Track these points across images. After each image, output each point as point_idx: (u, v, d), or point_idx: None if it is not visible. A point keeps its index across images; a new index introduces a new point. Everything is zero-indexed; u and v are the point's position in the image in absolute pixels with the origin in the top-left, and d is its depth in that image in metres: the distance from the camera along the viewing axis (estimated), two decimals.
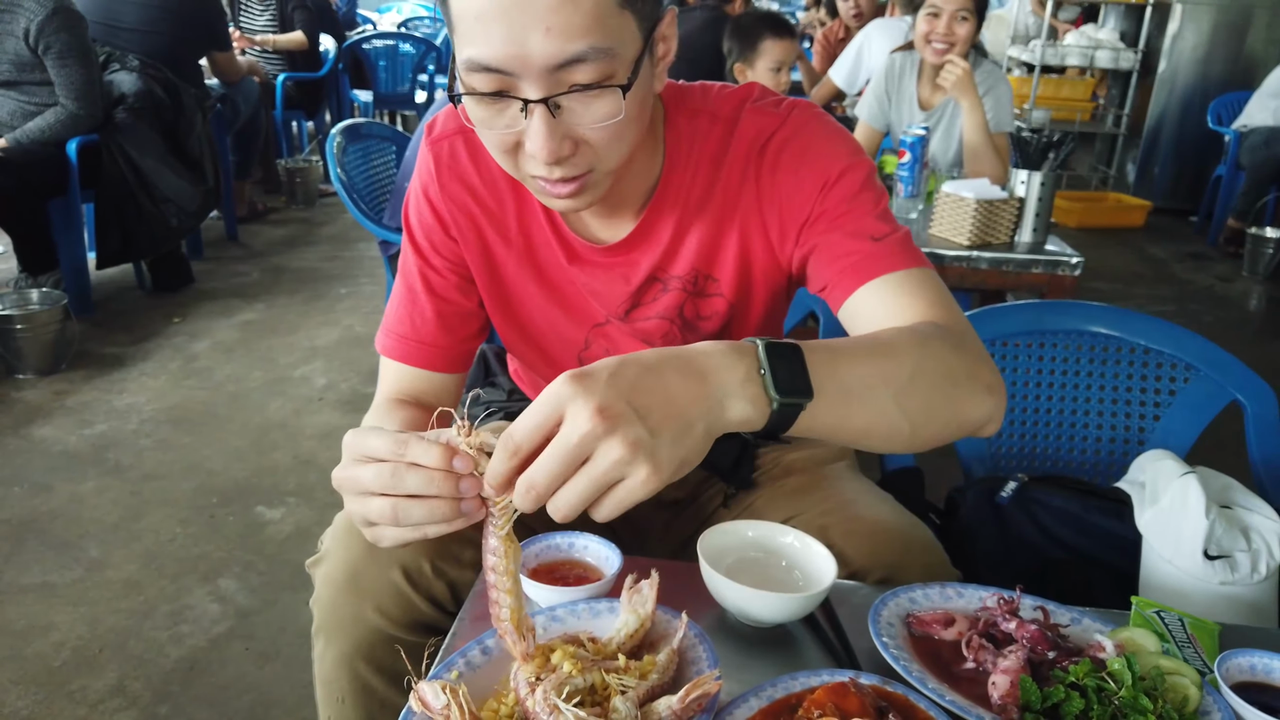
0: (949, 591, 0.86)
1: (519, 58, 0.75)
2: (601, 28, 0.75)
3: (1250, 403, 1.33)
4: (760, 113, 0.96)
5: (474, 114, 0.82)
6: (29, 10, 3.08)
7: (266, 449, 2.65)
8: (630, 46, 0.79)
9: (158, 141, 3.47)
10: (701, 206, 0.98)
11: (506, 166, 0.87)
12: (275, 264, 4.27)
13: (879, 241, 0.91)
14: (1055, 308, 1.46)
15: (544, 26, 0.74)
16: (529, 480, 0.61)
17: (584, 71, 0.76)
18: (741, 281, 1.01)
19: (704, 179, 0.97)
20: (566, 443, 0.60)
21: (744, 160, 0.96)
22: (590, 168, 0.84)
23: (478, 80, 0.78)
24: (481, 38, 0.75)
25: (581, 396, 0.59)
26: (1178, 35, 5.65)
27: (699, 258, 1.00)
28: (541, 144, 0.79)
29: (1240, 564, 1.06)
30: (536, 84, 0.76)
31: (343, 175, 2.49)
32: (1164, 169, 5.93)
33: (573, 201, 0.86)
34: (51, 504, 2.32)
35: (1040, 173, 2.20)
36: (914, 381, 0.76)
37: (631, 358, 0.64)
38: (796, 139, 0.95)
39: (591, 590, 0.84)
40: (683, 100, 0.98)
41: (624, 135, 0.83)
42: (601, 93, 0.78)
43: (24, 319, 2.94)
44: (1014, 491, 1.25)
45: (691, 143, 0.97)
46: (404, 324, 1.03)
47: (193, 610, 1.97)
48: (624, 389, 0.61)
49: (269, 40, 5.08)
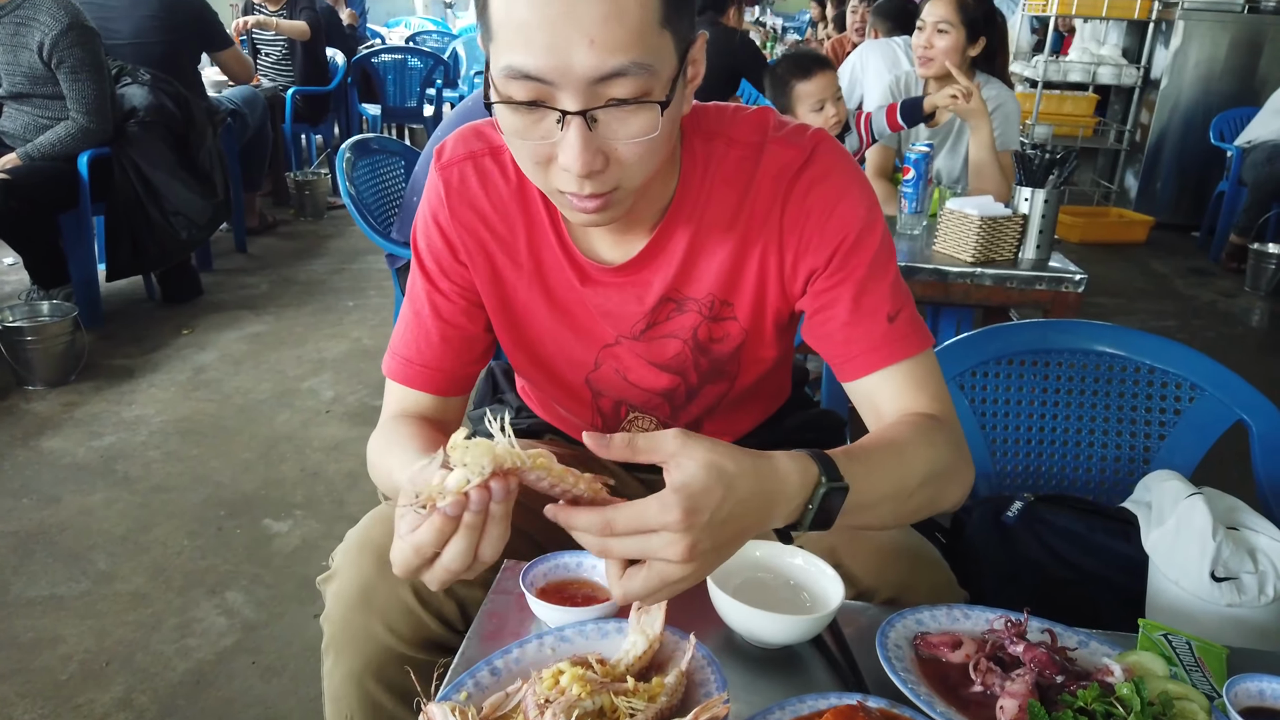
0: (956, 613, 0.87)
1: (561, 69, 0.75)
2: (643, 44, 0.76)
3: (1255, 422, 1.33)
4: (785, 144, 0.98)
5: (507, 123, 0.82)
6: (44, 25, 3.11)
7: (274, 461, 2.66)
8: (668, 65, 0.80)
9: (168, 155, 3.50)
10: (721, 229, 0.99)
11: (535, 178, 0.88)
12: (284, 276, 4.29)
13: (894, 322, 0.96)
14: (1060, 326, 1.47)
15: (588, 39, 0.74)
16: (604, 547, 0.69)
17: (623, 86, 0.77)
18: (756, 309, 1.03)
19: (722, 201, 0.98)
20: (649, 555, 0.68)
21: (771, 192, 0.97)
22: (617, 184, 0.84)
23: (515, 88, 0.78)
24: (523, 46, 0.76)
25: (682, 533, 0.67)
26: (1179, 51, 5.67)
27: (716, 282, 1.01)
28: (575, 156, 0.79)
29: (1247, 586, 1.06)
30: (576, 96, 0.77)
31: (352, 190, 2.51)
32: (1166, 184, 5.94)
33: (597, 216, 0.87)
34: (60, 516, 2.34)
35: (1044, 190, 2.21)
36: (913, 496, 0.87)
37: (734, 489, 0.70)
38: (825, 182, 0.97)
39: (600, 611, 0.84)
40: (699, 121, 0.99)
41: (654, 152, 0.84)
42: (638, 108, 0.79)
43: (34, 331, 2.97)
44: (1020, 511, 1.25)
45: (707, 164, 0.98)
46: (410, 347, 1.03)
47: (200, 623, 1.97)
48: (715, 530, 0.69)
49: (271, 23, 5.08)
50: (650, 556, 0.68)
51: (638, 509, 0.68)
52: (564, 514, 0.69)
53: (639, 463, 0.70)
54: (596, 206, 0.85)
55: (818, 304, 0.99)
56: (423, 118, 6.44)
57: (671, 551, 0.67)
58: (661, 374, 1.07)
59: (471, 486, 0.66)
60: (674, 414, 1.12)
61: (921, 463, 0.88)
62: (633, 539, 0.68)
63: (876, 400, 0.97)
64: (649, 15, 0.76)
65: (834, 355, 1.00)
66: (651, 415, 1.13)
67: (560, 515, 0.70)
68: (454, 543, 0.69)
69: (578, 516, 0.69)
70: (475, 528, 0.69)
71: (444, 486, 0.66)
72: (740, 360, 1.07)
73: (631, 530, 0.68)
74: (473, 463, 0.66)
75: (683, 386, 1.08)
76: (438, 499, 0.66)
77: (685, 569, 0.68)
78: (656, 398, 1.10)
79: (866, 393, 0.98)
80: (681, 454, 0.69)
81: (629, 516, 0.68)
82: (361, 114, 6.36)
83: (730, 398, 1.11)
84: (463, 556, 0.69)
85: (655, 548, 0.68)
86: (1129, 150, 6.12)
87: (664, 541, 0.67)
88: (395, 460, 0.92)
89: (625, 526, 0.68)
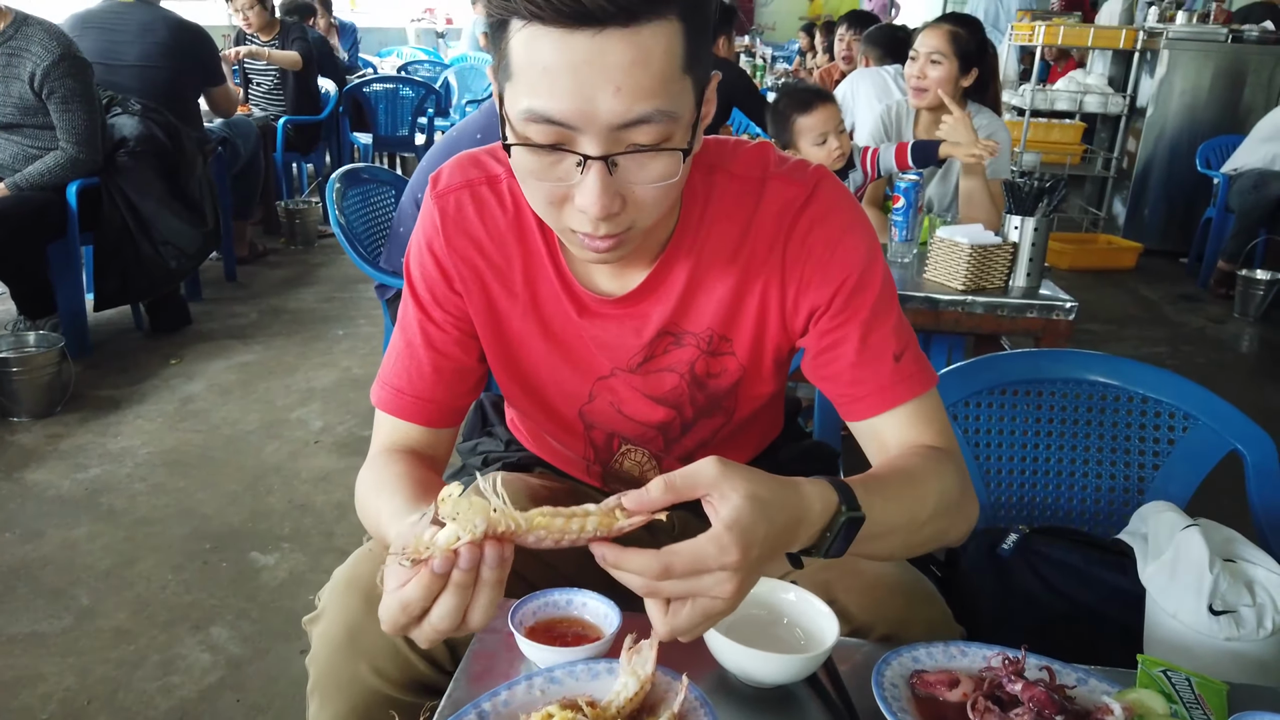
0: (953, 650, 0.85)
1: (585, 114, 0.75)
2: (667, 91, 0.76)
3: (1250, 452, 1.33)
4: (787, 181, 0.98)
5: (524, 164, 0.81)
6: (35, 55, 3.11)
7: (261, 493, 2.63)
8: (688, 110, 0.80)
9: (158, 184, 3.49)
10: (721, 264, 0.98)
11: (547, 217, 0.87)
12: (273, 305, 4.27)
13: (900, 362, 0.97)
14: (1052, 356, 1.47)
15: (614, 86, 0.74)
16: (654, 589, 0.69)
17: (645, 133, 0.77)
18: (756, 344, 1.02)
19: (723, 236, 0.98)
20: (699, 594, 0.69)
21: (774, 228, 0.97)
22: (630, 225, 0.84)
23: (535, 131, 0.77)
24: (546, 90, 0.75)
25: (735, 571, 0.68)
26: (1164, 80, 5.73)
27: (716, 317, 1.00)
28: (594, 199, 0.79)
29: (1245, 619, 1.05)
30: (598, 141, 0.76)
31: (342, 220, 2.50)
32: (1154, 211, 5.98)
33: (607, 255, 0.87)
34: (43, 550, 2.30)
35: (1033, 218, 2.21)
36: (924, 527, 0.88)
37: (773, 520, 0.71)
38: (826, 221, 0.97)
39: (590, 650, 0.83)
40: (699, 154, 0.99)
41: (670, 195, 0.84)
42: (659, 154, 0.79)
43: (20, 362, 2.94)
44: (1015, 543, 1.24)
45: (708, 197, 0.98)
46: (401, 378, 1.02)
47: (184, 660, 1.94)
48: (760, 563, 0.70)
49: (263, 53, 5.12)
50: (700, 595, 0.69)
51: (696, 552, 0.68)
52: (614, 556, 0.69)
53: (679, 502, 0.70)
54: (609, 246, 0.85)
55: (823, 343, 0.99)
56: (414, 146, 6.46)
57: (722, 590, 0.68)
58: (657, 407, 1.06)
59: (462, 544, 0.65)
60: (668, 447, 1.11)
61: (933, 495, 0.89)
62: (687, 581, 0.68)
63: (883, 438, 0.98)
64: (673, 62, 0.76)
65: (840, 395, 1.00)
66: (644, 449, 1.12)
67: (609, 557, 0.69)
68: (442, 601, 0.68)
69: (631, 560, 0.68)
70: (465, 586, 0.67)
71: (433, 542, 0.65)
72: (737, 396, 1.06)
73: (689, 573, 0.68)
74: (464, 520, 0.65)
75: (678, 420, 1.08)
76: (426, 554, 0.65)
77: (730, 604, 0.69)
78: (651, 431, 1.09)
79: (873, 431, 0.99)
80: (724, 485, 0.69)
81: (687, 560, 0.68)
82: (353, 143, 6.37)
83: (725, 432, 1.11)
84: (451, 616, 0.68)
85: (707, 586, 0.68)
86: (1116, 177, 6.17)
87: (716, 580, 0.68)
88: (384, 506, 0.90)
89: (684, 569, 0.68)
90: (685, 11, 0.76)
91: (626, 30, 0.73)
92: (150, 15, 3.90)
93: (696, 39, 0.78)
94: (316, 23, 6.33)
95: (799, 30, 10.68)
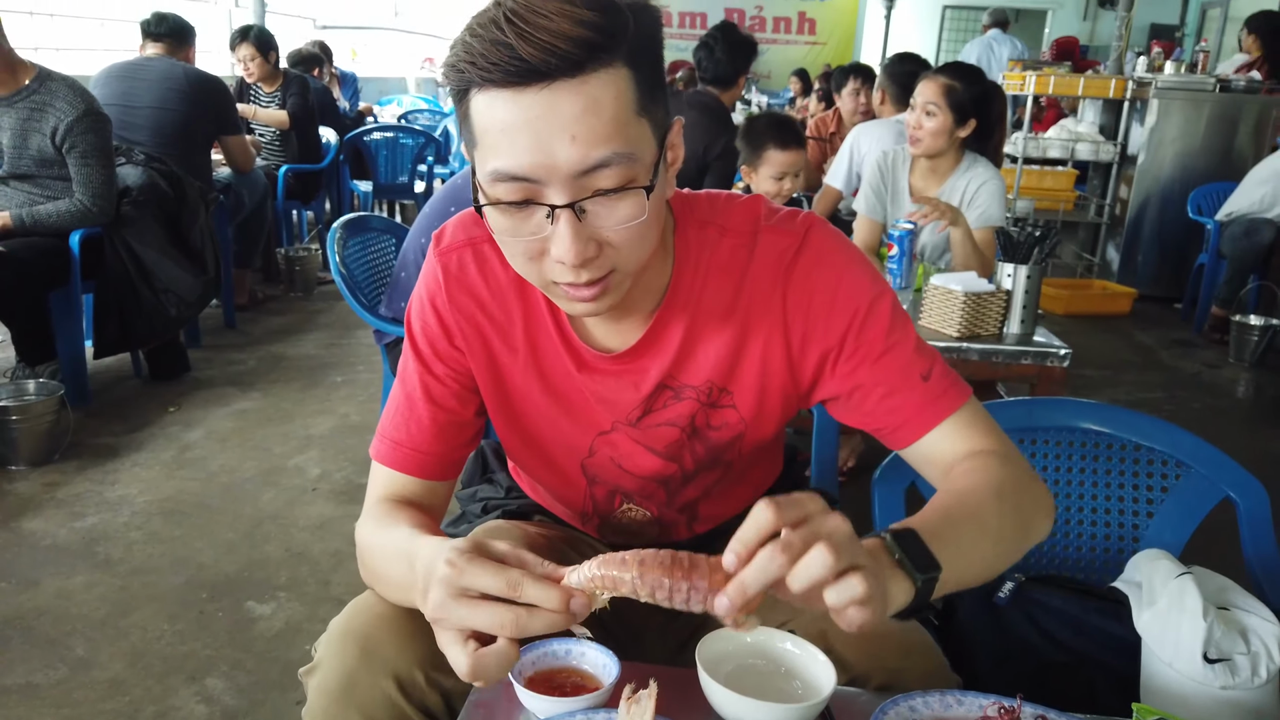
0: (949, 699, 0.86)
1: (546, 166, 0.78)
2: (623, 134, 0.79)
3: (1243, 500, 1.33)
4: (778, 232, 1.00)
5: (498, 224, 0.85)
6: (60, 110, 3.17)
7: (258, 541, 2.62)
8: (648, 150, 0.83)
9: (160, 233, 3.53)
10: (718, 318, 1.00)
11: (529, 274, 0.89)
12: (273, 352, 4.29)
13: (929, 381, 0.98)
14: (1045, 405, 1.48)
15: (569, 135, 0.77)
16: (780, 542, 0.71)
17: (608, 177, 0.80)
18: (758, 396, 1.04)
19: (718, 290, 1.00)
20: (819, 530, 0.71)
21: (770, 279, 0.99)
22: (613, 268, 0.86)
23: (503, 190, 0.81)
24: (508, 149, 0.79)
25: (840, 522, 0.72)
26: (1155, 129, 5.83)
27: (715, 370, 1.02)
28: (568, 247, 0.81)
29: (1240, 667, 1.05)
30: (562, 190, 0.80)
31: (343, 269, 2.53)
32: (1147, 257, 6.05)
33: (595, 305, 0.89)
34: (38, 600, 2.29)
35: (1026, 266, 2.24)
36: (1001, 527, 0.89)
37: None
38: (822, 264, 0.99)
39: (589, 701, 0.83)
40: (691, 210, 1.02)
41: (645, 235, 0.86)
42: (624, 195, 0.82)
43: (19, 410, 2.94)
44: (1011, 592, 1.24)
45: (700, 252, 1.00)
46: (400, 430, 1.03)
47: (178, 712, 1.92)
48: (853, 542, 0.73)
49: (250, 111, 5.22)
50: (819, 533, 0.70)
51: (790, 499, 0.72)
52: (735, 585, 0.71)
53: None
54: (594, 294, 0.87)
55: (848, 385, 1.00)
56: (414, 194, 6.54)
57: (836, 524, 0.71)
58: (657, 460, 1.07)
59: (598, 606, 0.74)
60: (670, 499, 1.12)
61: (990, 498, 0.90)
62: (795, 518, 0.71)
63: (933, 457, 0.99)
64: (625, 106, 0.79)
65: (880, 428, 1.01)
66: (645, 506, 1.13)
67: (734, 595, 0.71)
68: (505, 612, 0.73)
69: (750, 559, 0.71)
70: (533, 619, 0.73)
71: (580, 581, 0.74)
72: (738, 447, 1.08)
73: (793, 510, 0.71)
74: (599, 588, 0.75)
75: (679, 472, 1.09)
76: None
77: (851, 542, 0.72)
78: (652, 484, 1.10)
79: (923, 454, 1.00)
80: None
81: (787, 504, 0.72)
82: (353, 190, 6.44)
83: (726, 481, 1.12)
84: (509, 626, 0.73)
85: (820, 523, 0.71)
86: (1109, 224, 6.24)
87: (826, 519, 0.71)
88: (401, 531, 0.93)
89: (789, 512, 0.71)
90: (631, 58, 0.80)
91: (574, 81, 0.77)
92: (172, 66, 4.03)
93: (647, 82, 0.82)
94: (321, 73, 6.43)
95: (791, 76, 10.88)
